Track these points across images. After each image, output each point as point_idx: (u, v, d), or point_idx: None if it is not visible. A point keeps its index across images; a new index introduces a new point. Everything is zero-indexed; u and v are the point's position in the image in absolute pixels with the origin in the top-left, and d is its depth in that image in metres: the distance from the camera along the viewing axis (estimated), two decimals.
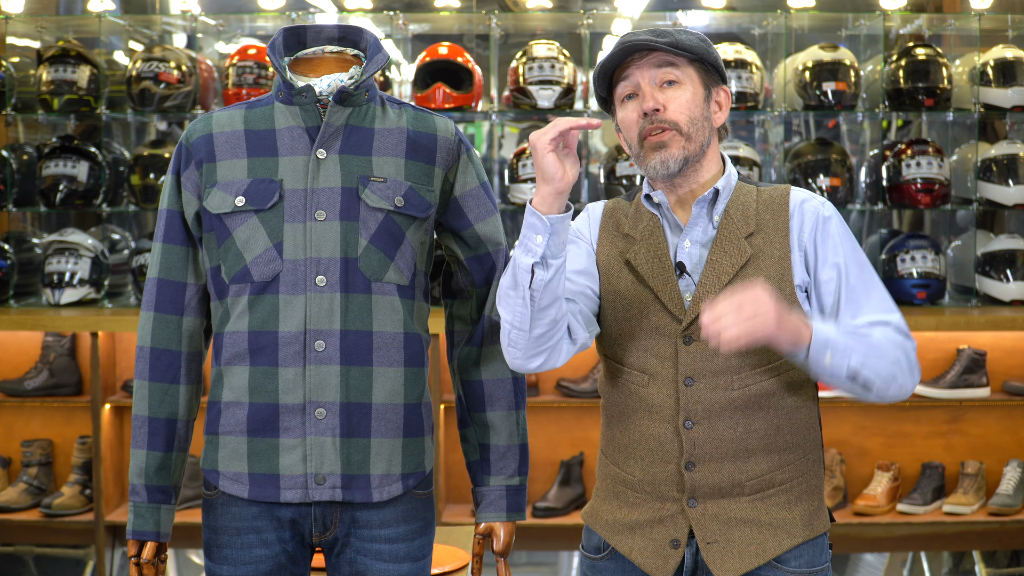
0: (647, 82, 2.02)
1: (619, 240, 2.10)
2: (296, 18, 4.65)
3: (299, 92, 2.12)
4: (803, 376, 2.03)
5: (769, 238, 2.02)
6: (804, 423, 2.05)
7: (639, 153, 2.04)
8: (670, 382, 2.01)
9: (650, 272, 2.04)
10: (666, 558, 2.03)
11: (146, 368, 2.17)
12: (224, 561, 2.15)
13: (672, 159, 2.00)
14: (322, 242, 2.08)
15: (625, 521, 2.08)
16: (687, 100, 2.02)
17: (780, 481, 2.02)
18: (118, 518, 4.31)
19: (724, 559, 2.00)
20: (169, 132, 5.01)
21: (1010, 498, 4.29)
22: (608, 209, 2.15)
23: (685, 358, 2.00)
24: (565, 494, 4.37)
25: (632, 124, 2.04)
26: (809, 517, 2.03)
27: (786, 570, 2.01)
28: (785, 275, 2.00)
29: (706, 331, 1.81)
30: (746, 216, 2.03)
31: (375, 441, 2.11)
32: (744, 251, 2.00)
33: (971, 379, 4.36)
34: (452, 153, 2.21)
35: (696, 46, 2.03)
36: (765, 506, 2.01)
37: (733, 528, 2.00)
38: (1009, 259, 4.44)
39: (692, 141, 2.02)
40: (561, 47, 4.53)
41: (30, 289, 4.69)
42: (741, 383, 1.99)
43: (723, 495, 2.01)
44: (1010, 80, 4.46)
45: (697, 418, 2.00)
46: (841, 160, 4.50)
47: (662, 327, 2.02)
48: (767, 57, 4.80)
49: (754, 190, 2.07)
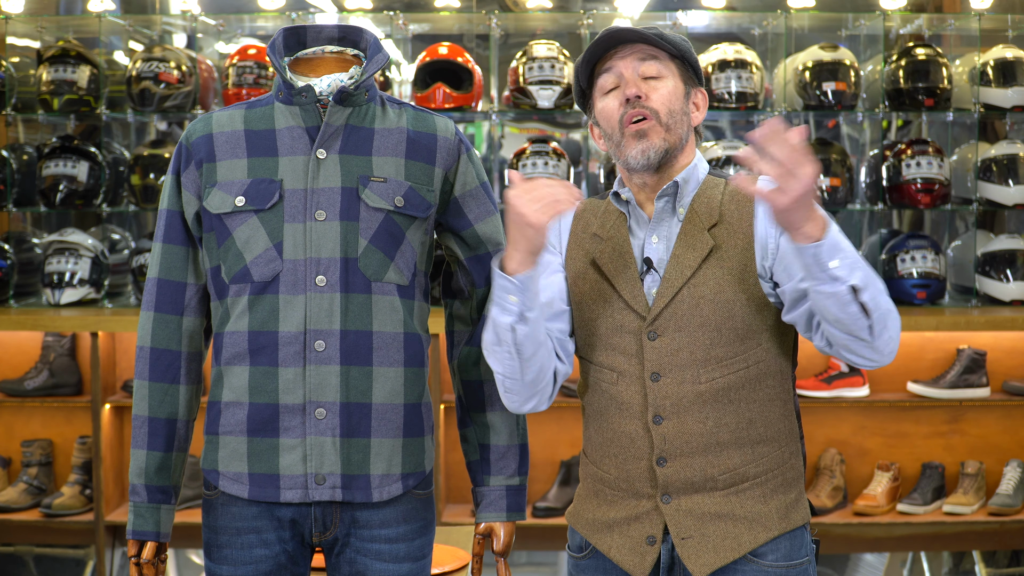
0: (630, 72, 2.04)
1: (587, 241, 2.11)
2: (296, 18, 4.65)
3: (299, 92, 2.12)
4: (775, 367, 2.03)
5: (732, 228, 2.02)
6: (778, 415, 2.04)
7: (619, 141, 2.04)
8: (637, 378, 2.02)
9: (613, 270, 2.05)
10: (643, 555, 2.03)
11: (146, 368, 2.17)
12: (224, 561, 2.15)
13: (653, 149, 2.01)
14: (322, 242, 2.08)
15: (603, 519, 2.08)
16: (668, 92, 2.04)
17: (754, 474, 2.01)
18: (118, 518, 4.31)
19: (699, 554, 2.00)
20: (169, 132, 5.01)
21: (1010, 498, 4.29)
22: (579, 212, 2.16)
23: (651, 354, 2.00)
24: (565, 494, 4.37)
25: (613, 112, 2.05)
26: (786, 510, 2.03)
27: (763, 564, 2.00)
28: (748, 266, 1.99)
29: (745, 159, 1.72)
30: (710, 208, 2.04)
31: (375, 441, 2.11)
32: (706, 243, 2.01)
33: (971, 379, 4.36)
34: (452, 153, 2.21)
35: (679, 43, 2.07)
36: (739, 500, 2.01)
37: (707, 523, 2.00)
38: (1009, 259, 4.44)
39: (672, 132, 2.03)
40: (561, 47, 4.53)
41: (30, 289, 4.69)
42: (708, 376, 1.99)
43: (696, 490, 2.01)
44: (1010, 80, 4.46)
45: (666, 413, 2.00)
46: (841, 160, 4.50)
47: (627, 324, 2.02)
48: (767, 57, 4.80)
49: (722, 183, 2.08)
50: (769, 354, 2.02)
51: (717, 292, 1.99)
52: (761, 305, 2.00)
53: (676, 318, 1.99)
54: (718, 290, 1.99)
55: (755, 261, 2.00)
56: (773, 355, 2.03)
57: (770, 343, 2.02)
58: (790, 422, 2.07)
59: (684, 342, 1.99)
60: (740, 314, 1.99)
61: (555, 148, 4.52)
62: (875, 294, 1.83)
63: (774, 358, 2.03)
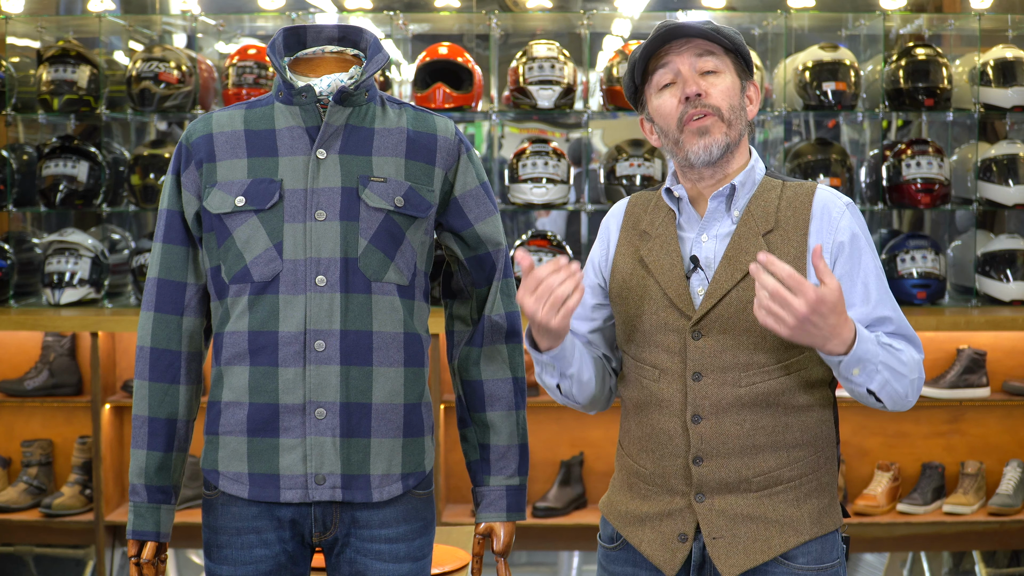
0: (688, 68, 2.02)
1: (636, 237, 2.12)
2: (296, 18, 4.65)
3: (299, 92, 2.12)
4: (817, 375, 2.02)
5: (787, 236, 2.01)
6: (815, 421, 2.03)
7: (678, 139, 2.03)
8: (679, 377, 2.02)
9: (660, 268, 2.05)
10: (674, 551, 2.03)
11: (146, 368, 2.17)
12: (224, 561, 2.15)
13: (716, 144, 2.00)
14: (322, 242, 2.08)
15: (636, 513, 2.09)
16: (727, 87, 2.03)
17: (788, 478, 2.01)
18: (118, 518, 4.31)
19: (729, 555, 2.00)
20: (169, 132, 5.01)
21: (1010, 498, 4.29)
22: (630, 205, 2.17)
23: (694, 353, 2.00)
24: (565, 494, 4.37)
25: (671, 110, 2.03)
26: (819, 514, 2.02)
27: (793, 566, 2.00)
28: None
29: (753, 272, 1.83)
30: (767, 213, 2.03)
31: (375, 441, 2.11)
32: (759, 248, 1.99)
33: (971, 379, 4.36)
34: (452, 153, 2.21)
35: (734, 36, 2.05)
36: (772, 503, 2.00)
37: (739, 524, 2.00)
38: (1009, 259, 4.44)
39: (732, 128, 2.02)
40: (561, 47, 4.53)
41: (30, 289, 4.69)
42: (749, 380, 1.99)
43: (730, 491, 2.00)
44: (1010, 80, 4.46)
45: (704, 413, 2.00)
46: (841, 160, 4.50)
47: (671, 323, 2.02)
48: (767, 57, 4.80)
49: (779, 185, 2.06)
50: (811, 361, 2.01)
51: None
52: None
53: (722, 320, 1.99)
54: None
55: (806, 272, 1.99)
56: (815, 362, 2.01)
57: (813, 352, 2.00)
58: (827, 427, 2.06)
59: (728, 344, 1.99)
60: None
61: (555, 148, 4.52)
62: (893, 388, 1.93)
63: (816, 365, 2.02)
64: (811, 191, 2.05)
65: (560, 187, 4.47)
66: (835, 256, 2.01)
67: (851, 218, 2.03)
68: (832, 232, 2.01)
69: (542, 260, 4.40)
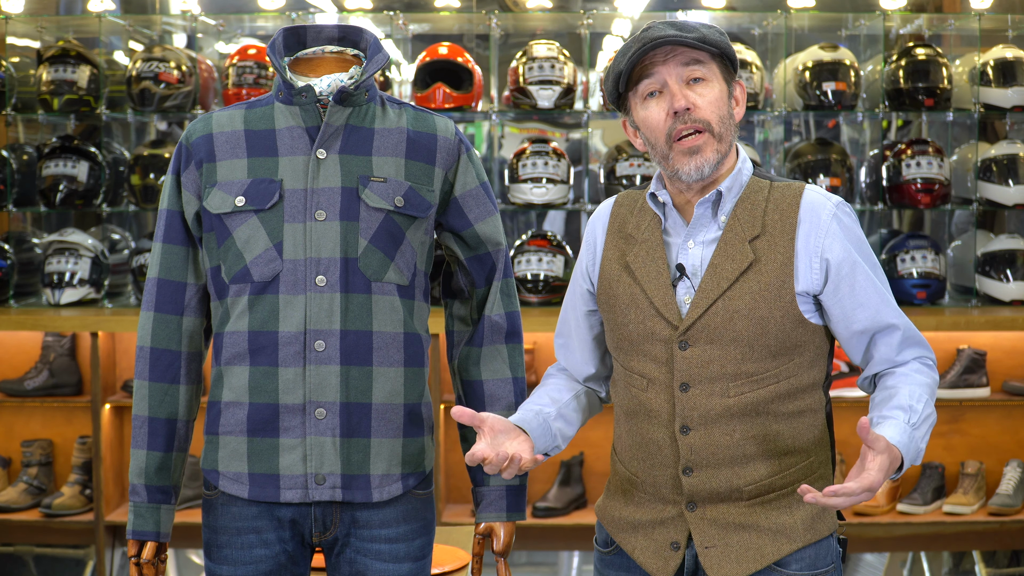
0: (674, 80, 1.95)
1: (621, 241, 2.08)
2: (296, 18, 4.65)
3: (299, 92, 2.12)
4: (808, 380, 1.99)
5: (774, 242, 1.96)
6: (807, 426, 2.01)
7: (667, 154, 1.97)
8: (666, 387, 1.99)
9: (646, 276, 2.01)
10: (666, 559, 2.02)
11: (146, 368, 2.17)
12: (224, 561, 2.15)
13: (707, 164, 1.95)
14: (322, 242, 2.08)
15: (630, 519, 2.07)
16: (716, 98, 1.96)
17: (781, 486, 1.98)
18: (118, 518, 4.31)
19: (721, 564, 1.98)
20: (169, 132, 5.01)
21: (1010, 498, 4.29)
22: (615, 207, 2.13)
23: (681, 363, 1.97)
24: (565, 494, 4.37)
25: (658, 124, 1.97)
26: (812, 520, 2.00)
27: (787, 573, 1.98)
28: (786, 282, 1.95)
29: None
30: (753, 217, 1.98)
31: (375, 441, 2.11)
32: (746, 255, 1.95)
33: (971, 379, 4.36)
34: (452, 153, 2.21)
35: (720, 40, 1.98)
36: (764, 511, 1.98)
37: (731, 533, 1.98)
38: (1009, 259, 4.44)
39: (723, 141, 1.97)
40: (561, 47, 4.53)
41: (30, 289, 4.69)
42: (738, 390, 1.96)
43: (721, 500, 1.98)
44: (1010, 80, 4.46)
45: (693, 424, 1.97)
46: (841, 160, 4.50)
47: (658, 332, 1.99)
48: (767, 57, 4.80)
49: (767, 187, 2.01)
50: (801, 368, 1.98)
51: (752, 308, 1.94)
52: (796, 323, 1.96)
53: (709, 330, 1.95)
54: (753, 306, 1.94)
55: (793, 277, 1.95)
56: (805, 369, 1.99)
57: (803, 359, 1.98)
58: (820, 431, 2.04)
59: (715, 355, 1.95)
60: (774, 331, 1.94)
61: (555, 148, 4.52)
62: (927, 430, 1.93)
63: (806, 372, 1.99)
64: (798, 193, 2.00)
65: (560, 187, 4.47)
66: (827, 276, 1.96)
67: (840, 228, 1.97)
68: (821, 238, 1.96)
69: (542, 260, 4.40)
